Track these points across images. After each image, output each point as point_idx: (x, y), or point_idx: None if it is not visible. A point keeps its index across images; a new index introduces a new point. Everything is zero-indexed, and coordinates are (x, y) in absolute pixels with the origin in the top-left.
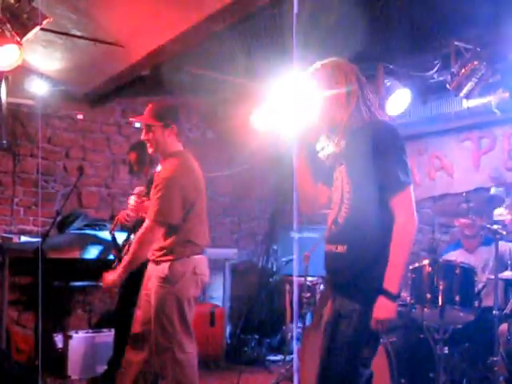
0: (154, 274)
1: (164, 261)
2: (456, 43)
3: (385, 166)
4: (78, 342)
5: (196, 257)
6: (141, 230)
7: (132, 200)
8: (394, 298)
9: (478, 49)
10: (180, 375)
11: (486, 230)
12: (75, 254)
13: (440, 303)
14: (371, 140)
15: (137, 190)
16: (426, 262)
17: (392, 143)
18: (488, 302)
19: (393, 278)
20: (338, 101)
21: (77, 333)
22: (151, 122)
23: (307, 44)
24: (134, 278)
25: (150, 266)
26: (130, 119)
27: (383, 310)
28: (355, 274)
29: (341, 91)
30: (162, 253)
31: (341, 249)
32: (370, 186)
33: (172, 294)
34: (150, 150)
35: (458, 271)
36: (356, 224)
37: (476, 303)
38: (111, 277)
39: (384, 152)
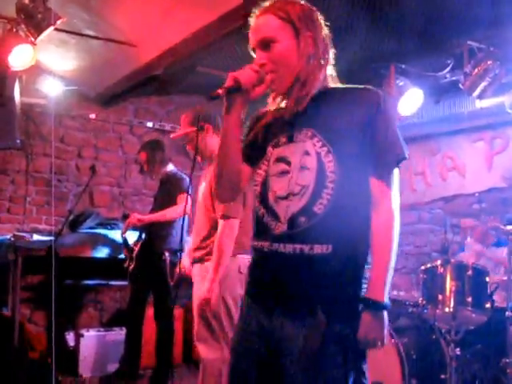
0: (198, 272)
1: (209, 259)
2: (469, 43)
3: (375, 137)
4: (89, 340)
5: (240, 256)
6: (219, 230)
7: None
8: (381, 308)
9: (492, 48)
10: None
11: (498, 231)
12: (87, 253)
13: (452, 304)
14: (355, 105)
15: None
16: (437, 262)
17: (384, 110)
18: (500, 302)
19: (379, 283)
20: (295, 51)
21: (88, 331)
22: (188, 132)
23: None
24: (145, 276)
25: (194, 265)
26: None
27: (375, 326)
28: (345, 284)
29: (298, 38)
30: (206, 251)
31: (319, 249)
32: (359, 165)
33: (219, 292)
34: (198, 159)
35: (470, 272)
36: (344, 215)
37: (488, 304)
38: (206, 288)
39: (376, 120)
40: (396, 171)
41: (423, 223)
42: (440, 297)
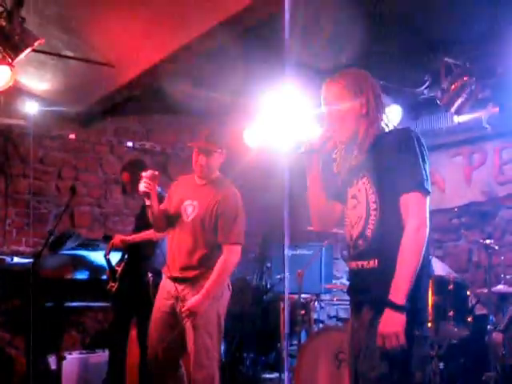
0: (190, 291)
1: (207, 277)
2: (446, 59)
3: (400, 167)
4: (71, 362)
5: None
6: (224, 256)
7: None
8: (400, 309)
9: (468, 64)
10: None
11: (478, 245)
12: (68, 275)
13: (434, 319)
14: (392, 146)
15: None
16: None
17: (410, 147)
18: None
19: (400, 288)
20: (354, 112)
21: (70, 354)
22: (211, 147)
23: (299, 61)
24: (128, 298)
25: (179, 284)
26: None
27: (390, 323)
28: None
29: (356, 103)
30: (201, 270)
31: (372, 263)
32: (394, 194)
33: (214, 309)
34: (198, 175)
35: (451, 287)
36: (385, 235)
37: (470, 318)
38: (194, 301)
39: (402, 155)
40: (426, 194)
41: None
42: None
